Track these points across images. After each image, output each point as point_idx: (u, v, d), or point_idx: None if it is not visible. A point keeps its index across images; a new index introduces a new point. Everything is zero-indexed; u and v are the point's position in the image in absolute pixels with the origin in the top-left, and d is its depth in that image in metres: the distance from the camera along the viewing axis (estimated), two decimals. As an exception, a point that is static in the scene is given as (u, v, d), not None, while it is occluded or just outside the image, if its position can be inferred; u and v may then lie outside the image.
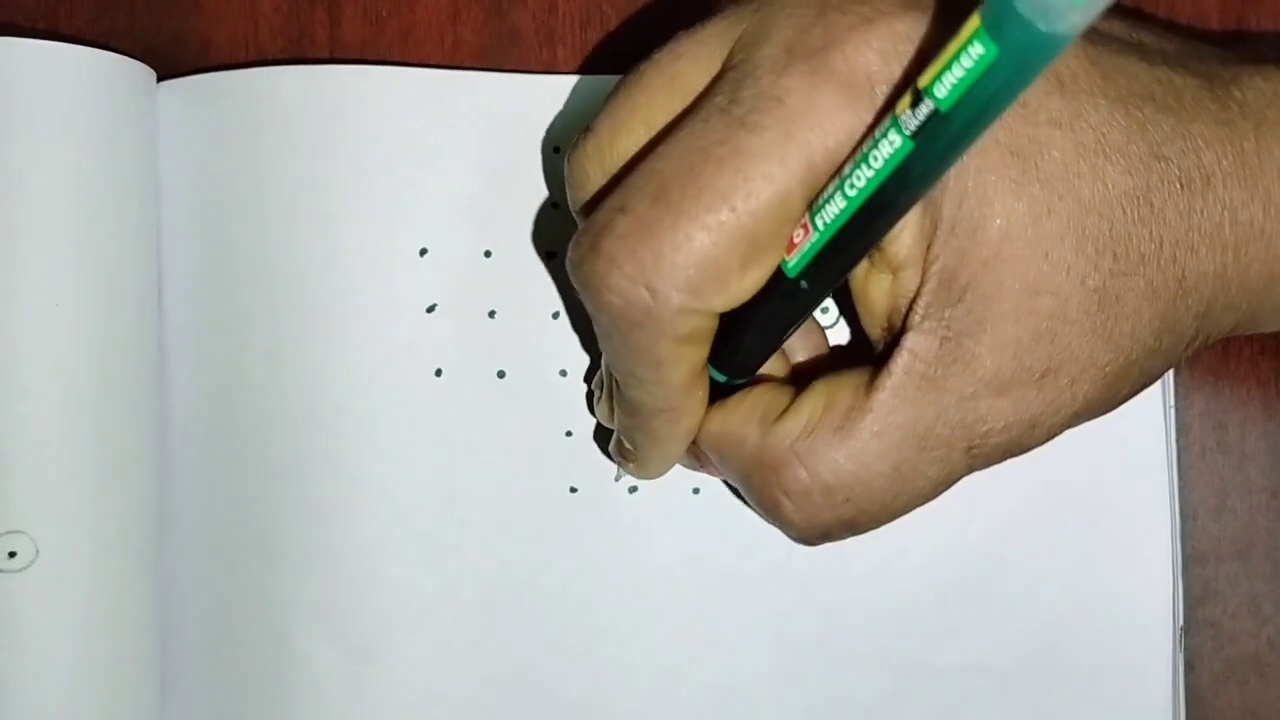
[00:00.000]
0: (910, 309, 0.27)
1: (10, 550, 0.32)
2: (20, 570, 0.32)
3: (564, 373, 0.35)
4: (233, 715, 0.35)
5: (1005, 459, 0.28)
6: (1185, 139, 0.27)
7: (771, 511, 0.29)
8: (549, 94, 0.35)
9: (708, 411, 0.29)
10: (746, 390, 0.30)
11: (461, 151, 0.35)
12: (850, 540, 0.34)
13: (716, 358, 0.29)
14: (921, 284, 0.27)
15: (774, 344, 0.29)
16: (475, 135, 0.35)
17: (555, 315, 0.35)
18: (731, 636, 0.35)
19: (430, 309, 0.35)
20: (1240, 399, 0.36)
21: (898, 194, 0.24)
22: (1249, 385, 0.36)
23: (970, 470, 0.28)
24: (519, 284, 0.35)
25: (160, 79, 0.35)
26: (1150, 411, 0.35)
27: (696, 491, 0.35)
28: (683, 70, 0.27)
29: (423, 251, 0.35)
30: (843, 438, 0.27)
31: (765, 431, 0.28)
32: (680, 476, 0.34)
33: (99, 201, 0.33)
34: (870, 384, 0.27)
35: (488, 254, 0.35)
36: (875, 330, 0.29)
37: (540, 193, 0.35)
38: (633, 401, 0.29)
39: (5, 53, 0.32)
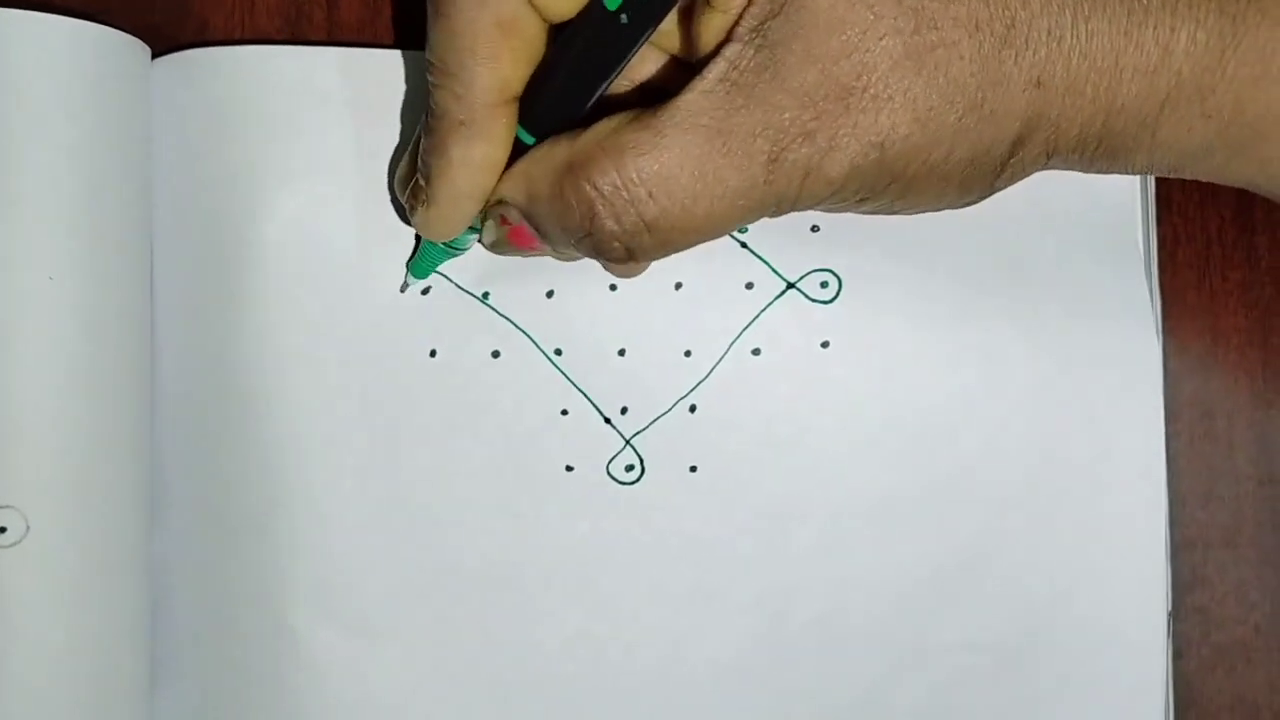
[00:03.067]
0: (734, 26, 0.28)
1: (1, 525, 0.31)
2: (11, 546, 0.31)
3: (559, 351, 0.35)
4: (227, 692, 0.35)
5: (806, 191, 0.28)
6: None
7: (586, 216, 0.29)
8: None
9: (516, 163, 0.30)
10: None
11: None
12: (848, 521, 0.35)
13: (527, 113, 0.29)
14: (749, 2, 0.28)
15: (588, 92, 0.29)
16: None
17: (550, 294, 0.35)
18: (731, 613, 0.35)
19: (425, 291, 0.35)
20: (1228, 388, 0.36)
21: None
22: (1236, 375, 0.36)
23: (769, 196, 0.28)
24: (513, 265, 0.35)
25: (156, 57, 0.35)
26: (1141, 399, 0.35)
27: (694, 469, 0.35)
28: None
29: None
30: (650, 133, 0.28)
31: (574, 140, 0.29)
32: (677, 455, 0.35)
33: (93, 175, 0.33)
34: (679, 94, 0.28)
35: (474, 229, 0.35)
36: None
37: None
38: (435, 108, 0.29)
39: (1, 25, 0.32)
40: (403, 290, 0.35)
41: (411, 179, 0.31)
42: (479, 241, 0.33)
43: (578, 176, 0.28)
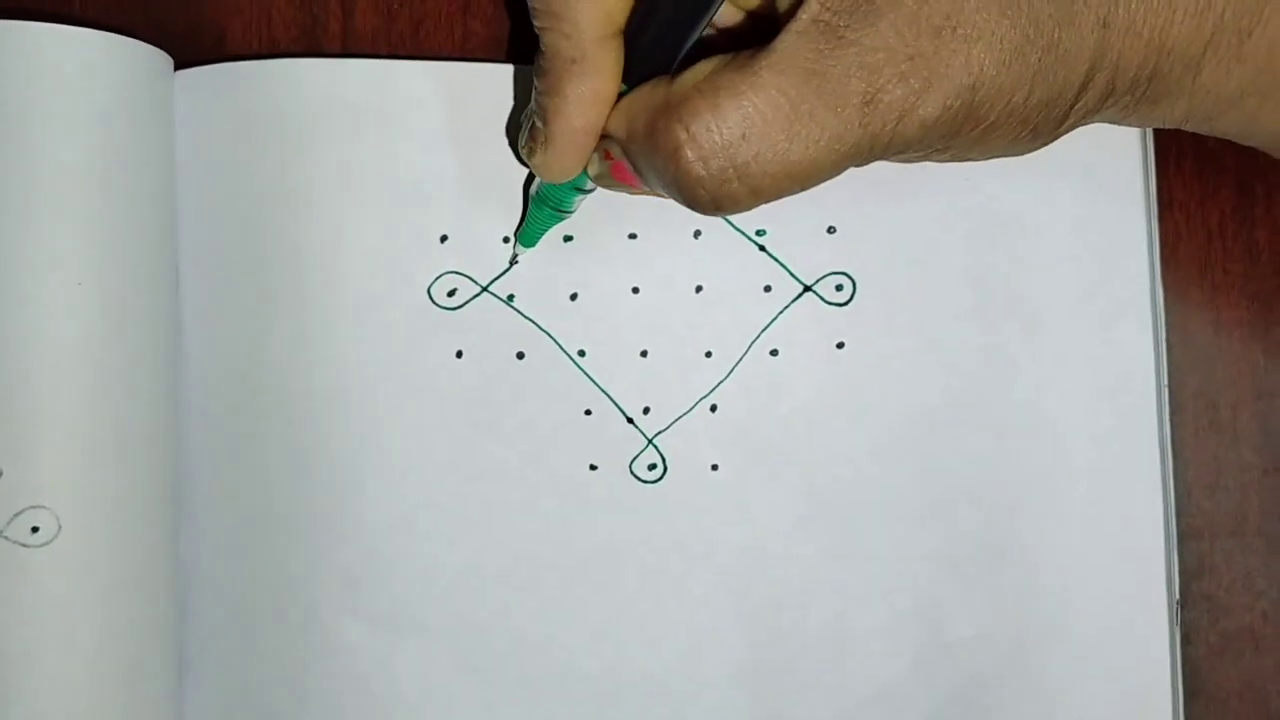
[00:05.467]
0: None
1: (33, 525, 0.32)
2: (43, 545, 0.32)
3: (583, 353, 0.36)
4: (255, 687, 0.35)
5: (899, 134, 0.29)
6: None
7: (672, 158, 0.29)
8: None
9: (620, 100, 0.30)
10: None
11: (479, 141, 0.35)
12: (865, 518, 0.35)
13: (629, 53, 0.30)
14: None
15: (687, 29, 0.30)
16: (492, 125, 0.36)
17: (573, 297, 0.36)
18: (751, 610, 0.35)
19: (451, 293, 0.35)
20: (1232, 379, 0.37)
21: None
22: (1240, 366, 0.37)
23: (864, 140, 0.29)
24: (537, 267, 0.35)
25: (175, 69, 0.36)
26: (1144, 392, 0.36)
27: (715, 468, 0.36)
28: None
29: (443, 238, 0.35)
30: (746, 74, 0.28)
31: (672, 81, 0.29)
32: (698, 454, 0.35)
33: (120, 184, 0.33)
34: (774, 38, 0.28)
35: (506, 239, 0.36)
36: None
37: None
38: (546, 50, 0.30)
39: (28, 37, 0.33)
40: (511, 263, 0.35)
41: (527, 128, 0.32)
42: (588, 175, 0.33)
43: (670, 117, 0.29)
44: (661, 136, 0.29)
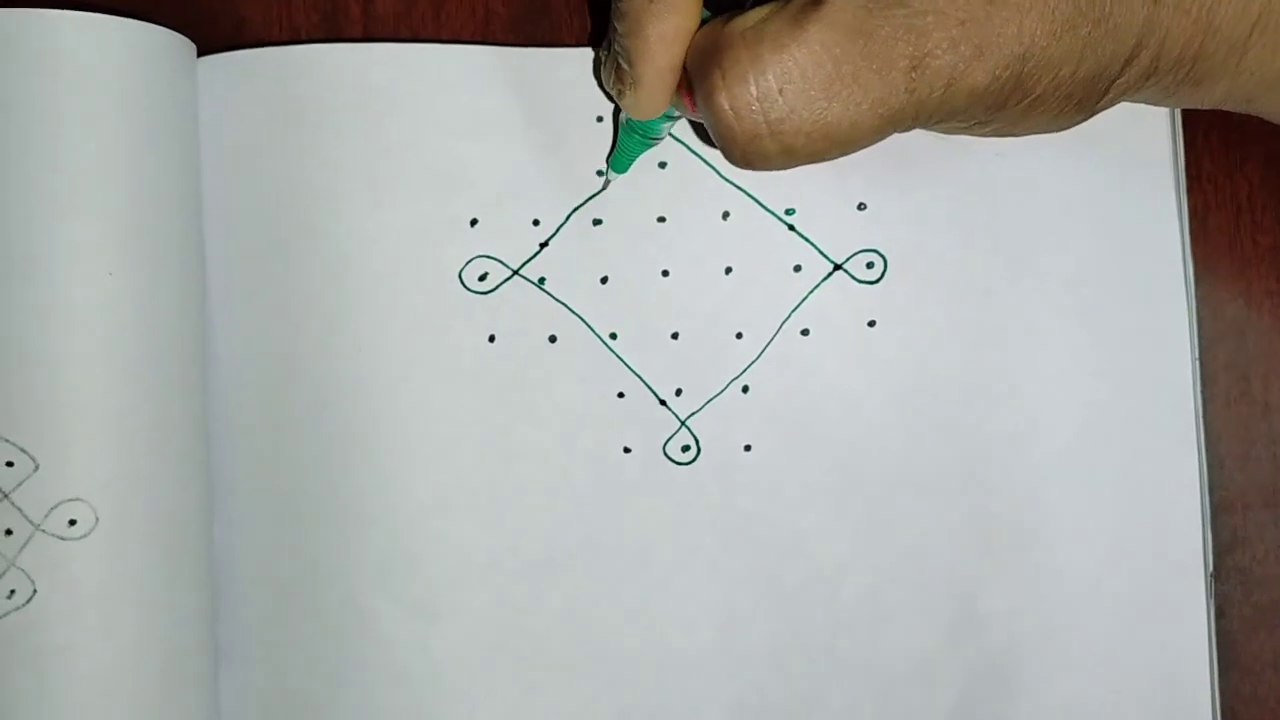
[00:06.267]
0: None
1: (70, 518, 0.32)
2: (81, 538, 0.32)
3: (614, 335, 0.36)
4: (292, 673, 0.35)
5: (945, 102, 0.28)
6: None
7: (707, 104, 0.29)
8: (588, 64, 0.36)
9: (697, 32, 0.30)
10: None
11: (507, 124, 0.35)
12: (898, 494, 0.35)
13: None
14: None
15: None
16: (519, 107, 0.35)
17: (604, 280, 0.36)
18: (786, 588, 0.36)
19: (482, 277, 0.35)
20: (1263, 350, 0.37)
21: None
22: (1271, 338, 0.37)
23: (909, 105, 0.28)
24: (568, 249, 0.35)
25: (200, 54, 0.36)
26: (1179, 364, 0.36)
27: (748, 449, 0.36)
28: None
29: (473, 222, 0.35)
30: (792, 26, 0.28)
31: (725, 22, 0.29)
32: (731, 434, 0.35)
33: (146, 171, 0.33)
34: None
35: (536, 222, 0.35)
36: None
37: (585, 160, 0.36)
38: None
39: (52, 25, 0.32)
40: (603, 188, 0.35)
41: (612, 69, 0.32)
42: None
43: (711, 62, 0.29)
44: (703, 81, 0.29)
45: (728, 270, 0.36)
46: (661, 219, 0.36)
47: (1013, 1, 0.28)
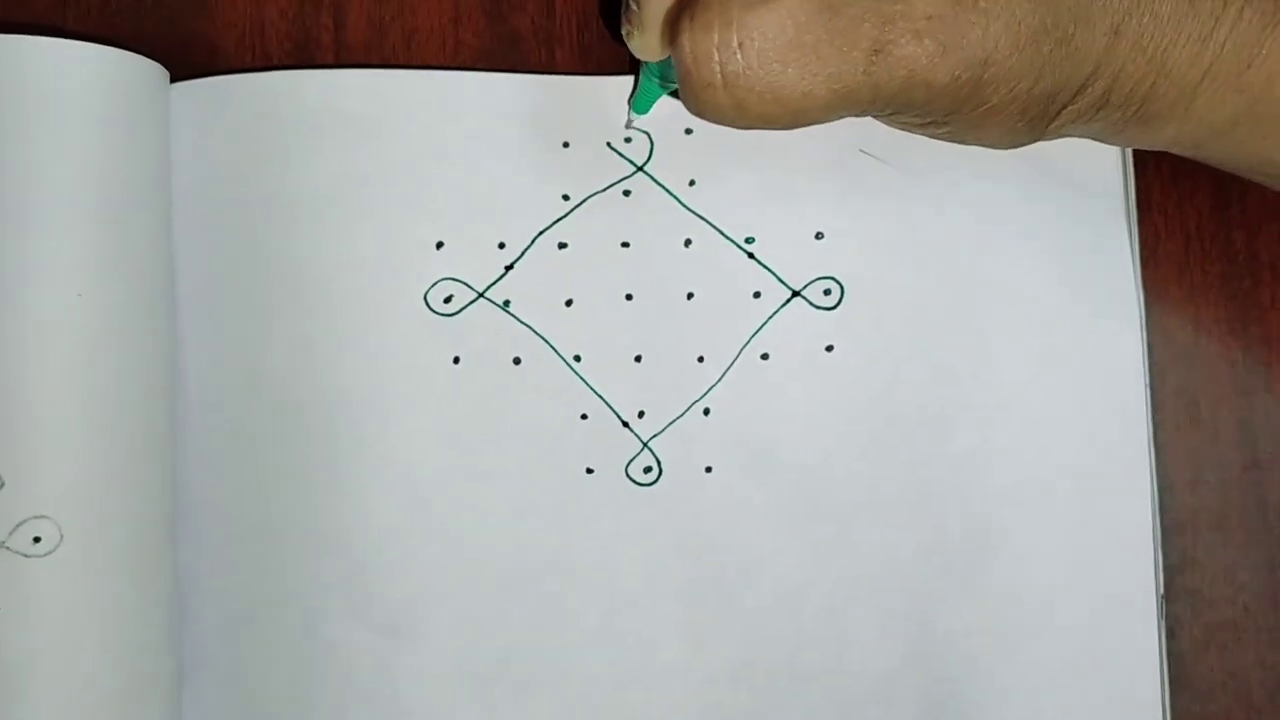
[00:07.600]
0: None
1: (35, 535, 0.32)
2: (44, 555, 0.32)
3: (578, 358, 0.36)
4: (255, 693, 0.35)
5: (902, 93, 0.29)
6: None
7: (673, 43, 0.29)
8: (555, 91, 0.36)
9: None
10: None
11: (473, 148, 0.36)
12: (856, 517, 0.36)
13: None
14: None
15: None
16: (486, 132, 0.36)
17: (569, 303, 0.36)
18: (747, 609, 0.36)
19: (447, 300, 0.36)
20: (1211, 376, 0.38)
21: None
22: (1219, 365, 0.38)
23: (865, 86, 0.29)
24: (533, 273, 0.36)
25: (172, 81, 0.36)
26: (1132, 389, 0.36)
27: (709, 470, 0.36)
28: None
29: (439, 244, 0.36)
30: None
31: None
32: (692, 456, 0.36)
33: (116, 195, 0.34)
34: None
35: (501, 245, 0.36)
36: None
37: (551, 184, 0.36)
38: None
39: (24, 51, 0.33)
40: (627, 127, 0.36)
41: (625, 13, 0.32)
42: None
43: (685, 9, 0.29)
44: (674, 24, 0.29)
45: (689, 296, 0.36)
46: (625, 244, 0.36)
47: (981, 6, 0.28)
